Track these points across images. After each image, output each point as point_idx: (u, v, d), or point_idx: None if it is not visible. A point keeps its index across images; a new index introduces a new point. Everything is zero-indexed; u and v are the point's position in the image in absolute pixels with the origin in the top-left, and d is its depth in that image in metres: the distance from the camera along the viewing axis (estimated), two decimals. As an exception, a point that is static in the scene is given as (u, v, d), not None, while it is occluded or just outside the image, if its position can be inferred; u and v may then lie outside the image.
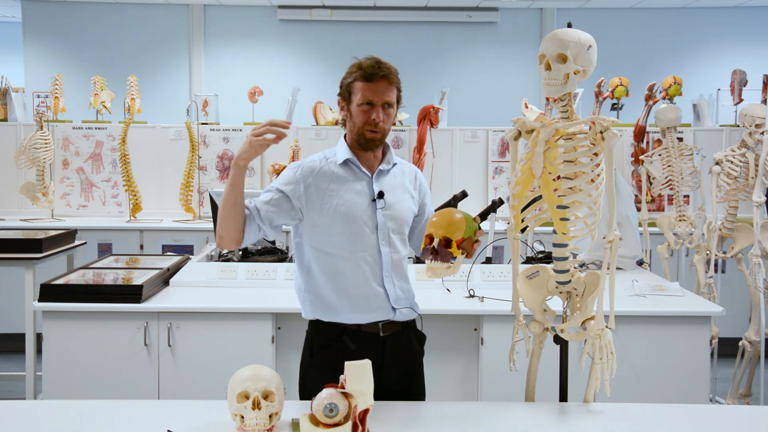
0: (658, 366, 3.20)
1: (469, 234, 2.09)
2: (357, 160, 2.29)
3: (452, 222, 2.08)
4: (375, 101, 2.21)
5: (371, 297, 2.26)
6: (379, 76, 2.21)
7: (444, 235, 2.06)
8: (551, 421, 2.11)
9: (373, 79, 2.21)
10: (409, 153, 5.88)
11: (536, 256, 3.86)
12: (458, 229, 2.07)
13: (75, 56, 8.06)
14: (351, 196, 2.25)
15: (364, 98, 2.21)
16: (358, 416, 1.77)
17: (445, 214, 2.12)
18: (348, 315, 2.27)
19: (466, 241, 2.08)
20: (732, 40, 8.24)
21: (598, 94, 5.87)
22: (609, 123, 2.05)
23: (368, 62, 2.24)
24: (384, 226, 2.27)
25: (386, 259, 2.28)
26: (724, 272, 5.19)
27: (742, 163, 3.98)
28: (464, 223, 2.09)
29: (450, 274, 2.07)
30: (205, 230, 5.49)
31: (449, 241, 2.06)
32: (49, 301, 3.18)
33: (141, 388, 3.19)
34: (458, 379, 3.29)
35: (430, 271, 2.07)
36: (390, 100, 2.24)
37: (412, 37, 8.26)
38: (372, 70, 2.21)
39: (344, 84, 2.27)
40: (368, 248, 2.26)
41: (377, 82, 2.21)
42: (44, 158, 5.61)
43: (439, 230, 2.07)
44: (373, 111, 2.21)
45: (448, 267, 2.06)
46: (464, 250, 2.08)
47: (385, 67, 2.23)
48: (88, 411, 2.14)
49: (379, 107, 2.22)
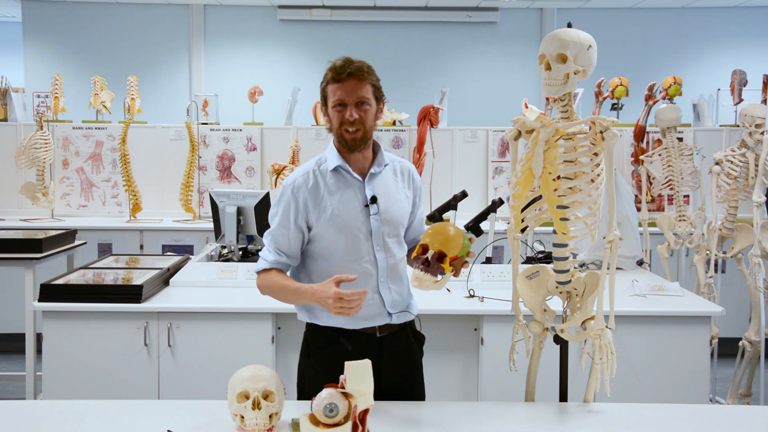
0: (658, 366, 3.20)
1: (462, 254, 2.11)
2: (347, 165, 2.26)
3: (450, 239, 2.09)
4: (346, 100, 2.18)
5: (367, 304, 2.24)
6: (346, 74, 2.17)
7: (440, 249, 2.08)
8: (551, 421, 2.11)
9: (341, 79, 2.17)
10: (409, 153, 5.88)
11: (536, 256, 3.86)
12: (455, 246, 2.09)
13: (75, 56, 8.06)
14: (343, 204, 2.23)
15: (335, 99, 2.19)
16: (358, 416, 1.77)
17: (444, 228, 2.13)
18: (344, 320, 2.24)
19: (458, 260, 2.11)
20: (732, 40, 8.24)
21: (598, 94, 5.87)
22: (609, 123, 2.05)
23: (337, 62, 2.21)
24: (378, 231, 2.25)
25: (382, 265, 2.26)
26: (724, 272, 5.19)
27: (742, 163, 3.98)
28: (461, 242, 2.10)
29: (435, 288, 2.09)
30: (205, 230, 5.48)
31: (443, 257, 2.07)
32: (49, 301, 3.18)
33: (141, 388, 3.19)
34: (458, 379, 3.29)
35: (417, 281, 2.09)
36: (362, 97, 2.18)
37: (412, 37, 8.26)
38: (340, 70, 2.18)
39: (321, 89, 2.26)
40: (363, 255, 2.25)
41: (346, 82, 2.17)
42: (44, 158, 5.61)
43: (436, 243, 2.08)
44: (346, 110, 2.18)
45: (436, 282, 2.08)
46: (454, 268, 2.11)
47: (353, 66, 2.18)
48: (88, 411, 2.15)
49: (351, 106, 2.18)
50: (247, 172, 6.04)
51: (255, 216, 3.82)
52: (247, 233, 3.90)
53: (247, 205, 3.83)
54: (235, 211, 3.82)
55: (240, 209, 3.84)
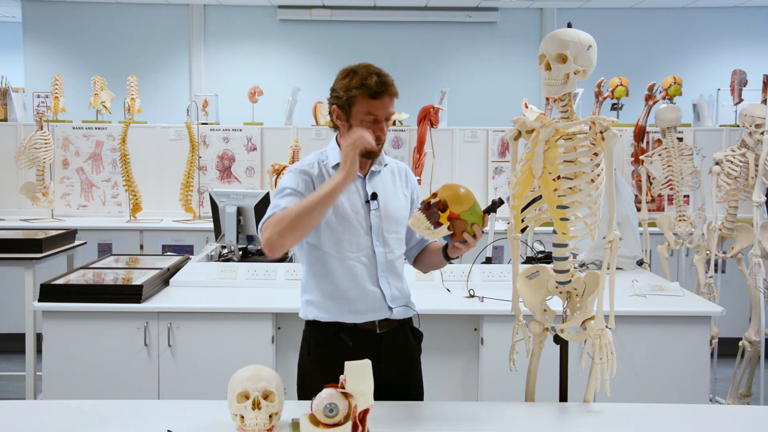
0: (658, 366, 3.20)
1: (465, 217, 2.07)
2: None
3: (460, 195, 2.08)
4: (380, 117, 2.22)
5: (367, 297, 2.28)
6: (384, 93, 2.20)
7: (445, 199, 2.06)
8: (551, 421, 2.11)
9: (379, 97, 2.20)
10: (409, 153, 5.88)
11: (536, 256, 3.86)
12: (461, 203, 2.07)
13: (75, 56, 8.06)
14: (345, 198, 2.26)
15: (369, 115, 2.21)
16: (358, 416, 1.77)
17: (460, 188, 2.11)
18: (345, 315, 2.28)
19: (459, 221, 2.07)
20: (732, 40, 8.24)
21: (598, 94, 5.87)
22: (609, 123, 2.05)
23: (372, 79, 2.20)
24: (378, 227, 2.29)
25: (381, 260, 2.29)
26: (724, 272, 5.19)
27: (742, 163, 3.98)
28: (469, 204, 2.08)
29: (426, 235, 2.08)
30: (205, 230, 5.48)
31: (445, 208, 2.06)
32: (49, 301, 3.18)
33: (141, 388, 3.19)
34: (458, 379, 3.29)
35: (413, 219, 2.08)
36: (392, 112, 2.26)
37: (412, 37, 8.27)
38: (378, 88, 2.19)
39: (343, 95, 2.22)
40: (363, 249, 2.28)
41: (381, 99, 2.21)
42: (44, 158, 5.61)
43: (445, 193, 2.07)
44: (378, 126, 2.22)
45: (428, 228, 2.06)
46: (453, 229, 2.08)
47: (389, 85, 2.22)
48: (88, 411, 2.14)
49: (382, 122, 2.23)
50: (247, 172, 6.04)
51: (255, 216, 3.82)
52: (247, 233, 3.90)
53: (247, 205, 3.84)
54: (235, 211, 3.82)
55: (240, 209, 3.84)
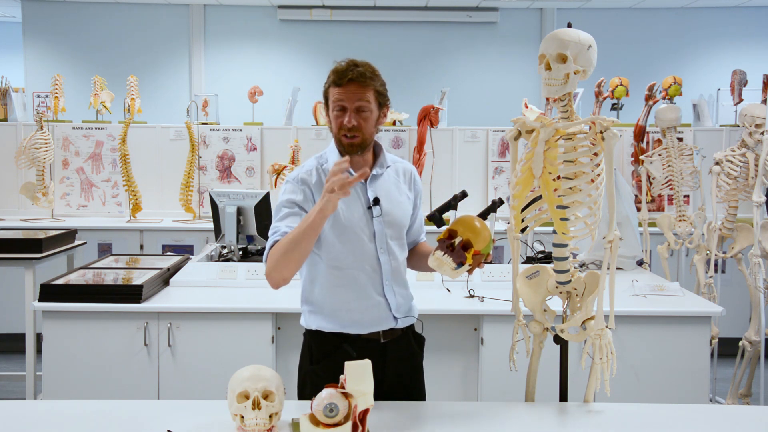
0: (658, 366, 3.20)
1: (485, 252, 2.10)
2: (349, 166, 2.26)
3: (480, 232, 2.08)
4: (346, 106, 2.14)
5: (372, 308, 2.23)
6: (347, 79, 2.12)
7: (468, 238, 2.06)
8: (551, 421, 2.11)
9: (343, 84, 2.13)
10: (409, 153, 5.88)
11: (536, 256, 3.86)
12: (483, 241, 2.08)
13: (75, 56, 8.06)
14: (346, 205, 2.20)
15: (336, 104, 2.15)
16: (358, 416, 1.77)
17: (473, 220, 2.11)
18: (349, 327, 2.23)
19: (479, 255, 2.09)
20: (732, 40, 8.24)
21: (598, 94, 5.87)
22: (609, 123, 2.05)
23: (341, 65, 2.15)
24: (381, 233, 2.23)
25: (386, 268, 2.24)
26: (724, 272, 5.19)
27: (742, 163, 3.98)
28: (488, 240, 2.10)
29: (450, 275, 2.07)
30: (205, 230, 5.48)
31: (468, 247, 2.06)
32: (49, 301, 3.18)
33: (141, 388, 3.19)
34: (458, 379, 3.29)
35: (437, 263, 2.04)
36: (363, 103, 2.13)
37: (412, 37, 8.27)
38: (341, 74, 2.13)
39: (324, 90, 2.21)
40: (367, 258, 2.22)
41: (347, 86, 2.13)
42: (44, 158, 5.61)
43: (467, 232, 2.07)
44: (345, 116, 2.14)
45: (454, 269, 2.05)
46: (473, 263, 2.09)
47: (356, 70, 2.13)
48: (88, 411, 2.14)
49: (351, 111, 2.13)
50: (247, 172, 6.04)
51: (255, 216, 3.82)
52: (247, 233, 3.90)
53: (247, 205, 3.84)
54: (235, 211, 3.82)
55: (240, 209, 3.84)
